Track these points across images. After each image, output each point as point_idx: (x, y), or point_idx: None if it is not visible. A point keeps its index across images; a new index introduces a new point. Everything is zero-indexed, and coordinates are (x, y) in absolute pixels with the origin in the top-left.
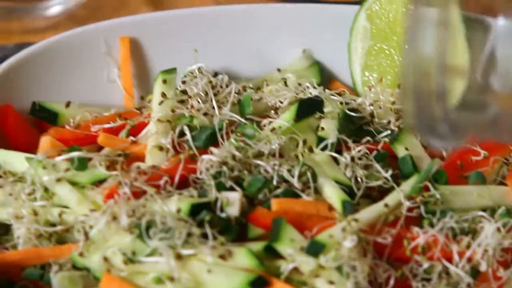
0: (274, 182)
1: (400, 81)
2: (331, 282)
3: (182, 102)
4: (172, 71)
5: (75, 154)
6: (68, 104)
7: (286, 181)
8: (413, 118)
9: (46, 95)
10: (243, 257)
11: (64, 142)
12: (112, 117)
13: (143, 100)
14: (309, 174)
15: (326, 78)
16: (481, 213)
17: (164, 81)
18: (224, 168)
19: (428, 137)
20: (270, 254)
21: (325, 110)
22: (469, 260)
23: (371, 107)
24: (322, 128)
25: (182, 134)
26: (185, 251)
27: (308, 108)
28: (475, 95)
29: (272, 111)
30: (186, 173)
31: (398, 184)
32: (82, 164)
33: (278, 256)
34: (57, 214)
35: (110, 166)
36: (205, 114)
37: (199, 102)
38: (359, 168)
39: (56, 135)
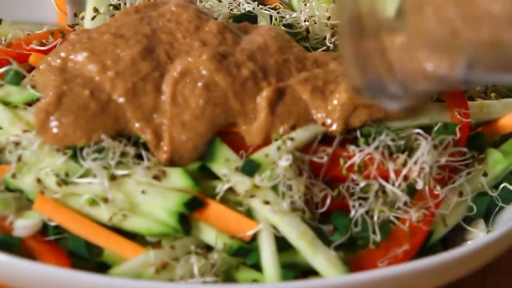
0: None
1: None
2: (267, 202)
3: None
4: None
5: (9, 67)
6: None
7: None
8: (360, 80)
9: None
10: (178, 178)
11: None
12: (44, 35)
13: (76, 17)
14: None
15: None
16: (417, 130)
17: None
18: None
19: (378, 98)
20: (205, 174)
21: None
22: (406, 178)
23: (307, 23)
24: None
25: None
26: (119, 172)
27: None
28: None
29: None
30: None
31: None
32: (16, 78)
33: (214, 176)
34: None
35: None
36: None
37: None
38: None
39: None
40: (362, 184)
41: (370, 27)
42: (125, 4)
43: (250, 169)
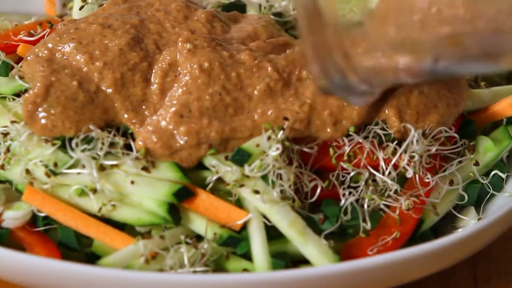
0: None
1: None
2: (257, 191)
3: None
4: None
5: None
6: None
7: None
8: (326, 83)
9: None
10: (167, 169)
11: None
12: (33, 25)
13: (65, 8)
14: None
15: None
16: None
17: None
18: None
19: (348, 98)
20: (195, 165)
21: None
22: (396, 167)
23: (295, 11)
24: None
25: None
26: (107, 162)
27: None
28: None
29: None
30: None
31: None
32: (5, 69)
33: (203, 167)
34: None
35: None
36: None
37: None
38: None
39: None
40: (352, 173)
41: (329, 23)
42: None
43: (241, 158)
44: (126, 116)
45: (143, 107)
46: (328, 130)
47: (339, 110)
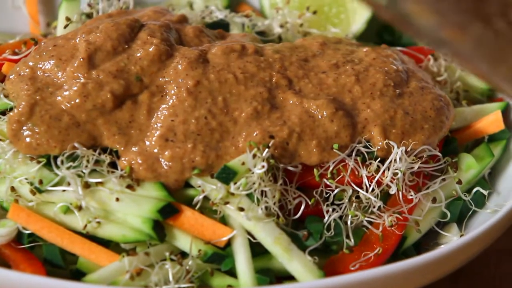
0: None
1: None
2: (241, 209)
3: None
4: None
5: None
6: None
7: None
8: None
9: None
10: (152, 188)
11: None
12: (17, 44)
13: (49, 27)
14: None
15: (234, 1)
16: None
17: (69, 5)
18: None
19: None
20: None
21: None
22: (380, 184)
23: (279, 30)
24: None
25: None
26: (92, 180)
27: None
28: None
29: None
30: None
31: None
32: None
33: (189, 185)
34: None
35: None
36: None
37: None
38: None
39: None
40: (336, 190)
41: None
42: (98, 13)
43: (226, 176)
44: (111, 139)
45: (130, 127)
46: (313, 159)
47: (326, 142)
